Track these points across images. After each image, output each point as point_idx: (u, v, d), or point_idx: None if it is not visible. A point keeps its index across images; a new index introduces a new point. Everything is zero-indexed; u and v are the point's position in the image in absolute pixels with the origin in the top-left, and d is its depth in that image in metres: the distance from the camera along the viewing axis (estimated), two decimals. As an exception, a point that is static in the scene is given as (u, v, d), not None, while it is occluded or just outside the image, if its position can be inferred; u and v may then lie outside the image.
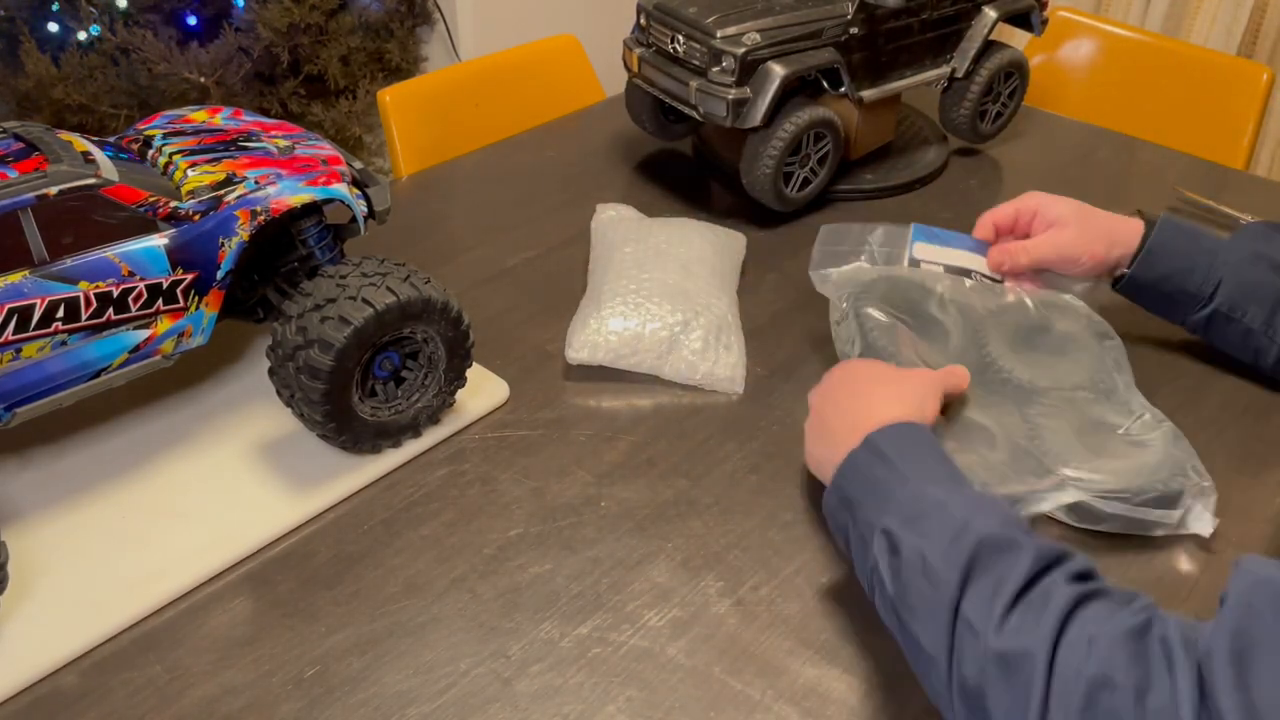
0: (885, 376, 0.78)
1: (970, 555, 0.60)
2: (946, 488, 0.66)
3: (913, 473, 0.67)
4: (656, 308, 0.93)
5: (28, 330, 0.69)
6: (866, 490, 0.68)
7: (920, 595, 0.62)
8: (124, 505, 0.79)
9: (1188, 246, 0.91)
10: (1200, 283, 0.90)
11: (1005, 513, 0.64)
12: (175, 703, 0.67)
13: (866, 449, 0.70)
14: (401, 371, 0.83)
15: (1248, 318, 0.89)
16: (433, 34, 2.36)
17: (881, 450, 0.69)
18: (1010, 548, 0.60)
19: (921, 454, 0.69)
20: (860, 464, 0.70)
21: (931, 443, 0.71)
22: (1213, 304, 0.90)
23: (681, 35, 1.10)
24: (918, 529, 0.64)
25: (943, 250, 0.96)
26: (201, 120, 0.87)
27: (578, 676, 0.69)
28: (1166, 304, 0.93)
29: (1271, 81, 1.52)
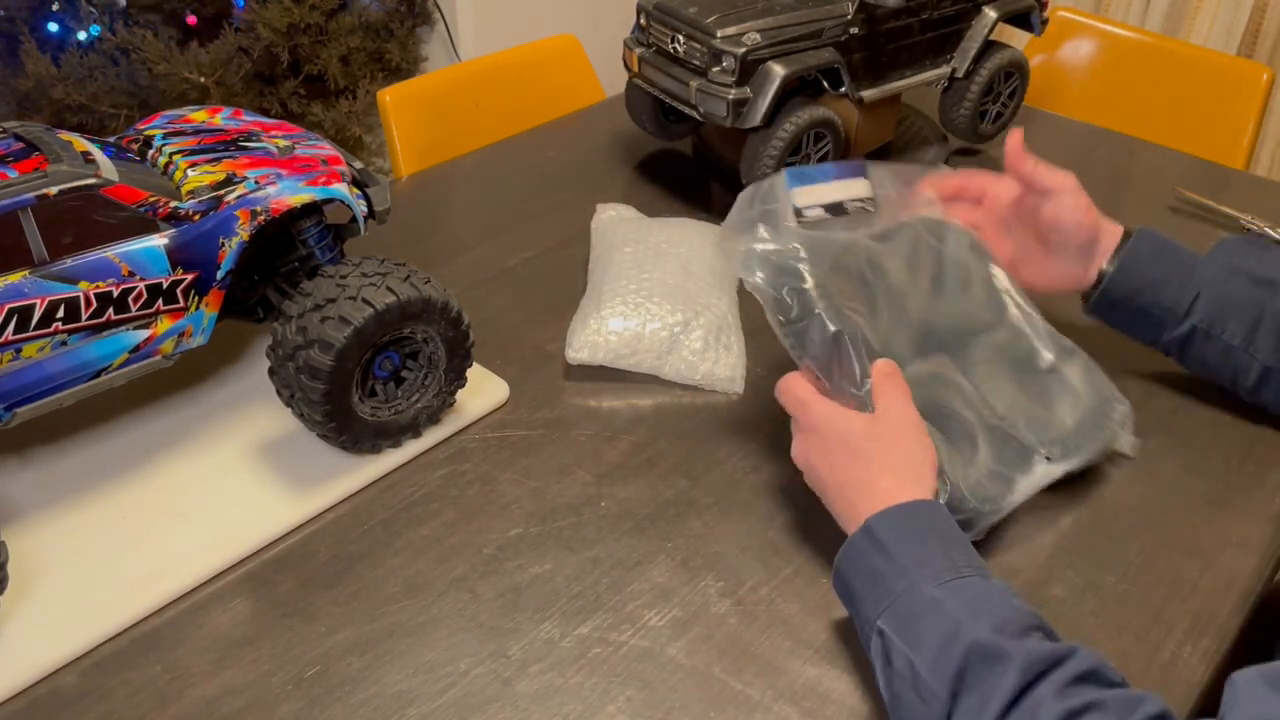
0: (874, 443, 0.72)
1: (959, 667, 0.59)
2: (945, 584, 0.64)
3: (912, 564, 0.65)
4: (656, 308, 0.93)
5: (28, 330, 0.69)
6: (866, 582, 0.67)
7: (911, 710, 0.61)
8: (124, 505, 0.79)
9: (1164, 259, 0.87)
10: (1176, 296, 0.85)
11: (1003, 608, 0.62)
12: (175, 703, 0.67)
13: (866, 536, 0.68)
14: (401, 371, 0.83)
15: (1227, 334, 0.84)
16: (433, 34, 2.36)
17: (880, 539, 0.67)
18: (999, 659, 0.59)
19: (922, 539, 0.67)
20: (860, 552, 0.68)
21: (932, 522, 0.68)
22: (1190, 319, 0.85)
23: (681, 35, 1.10)
24: (910, 635, 0.62)
25: (819, 189, 0.87)
26: (201, 120, 0.87)
27: (578, 676, 0.69)
28: (1141, 320, 0.88)
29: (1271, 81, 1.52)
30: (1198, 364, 0.88)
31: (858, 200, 0.88)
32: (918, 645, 0.62)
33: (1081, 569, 0.77)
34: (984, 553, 0.78)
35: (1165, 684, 0.69)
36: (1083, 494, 0.83)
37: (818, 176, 0.88)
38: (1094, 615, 0.74)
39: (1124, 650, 0.71)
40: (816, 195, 0.87)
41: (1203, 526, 0.81)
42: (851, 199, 0.88)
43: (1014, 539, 0.79)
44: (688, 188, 1.24)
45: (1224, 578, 0.77)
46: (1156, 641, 0.72)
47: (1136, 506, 0.82)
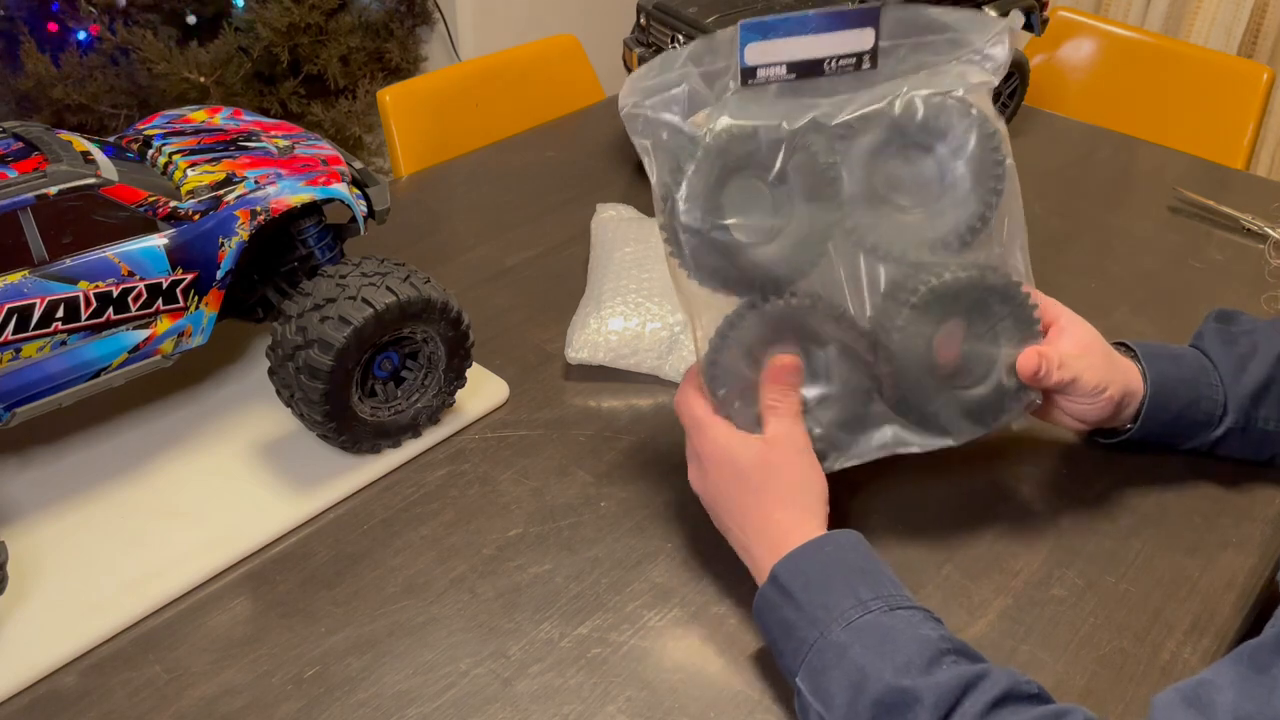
0: (766, 473, 0.70)
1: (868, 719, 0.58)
2: (851, 624, 0.62)
3: (821, 610, 0.63)
4: (656, 308, 0.93)
5: (27, 330, 0.69)
6: (782, 634, 0.65)
7: None
8: (124, 505, 0.79)
9: (1182, 373, 0.81)
10: (1209, 408, 0.81)
11: (908, 642, 0.60)
12: (175, 703, 0.67)
13: (773, 587, 0.66)
14: (401, 371, 0.83)
15: (1260, 421, 0.82)
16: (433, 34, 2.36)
17: (787, 588, 0.65)
18: (907, 704, 0.57)
19: (827, 580, 0.65)
20: (771, 604, 0.66)
21: (836, 557, 0.66)
22: (1224, 424, 0.82)
23: (681, 35, 1.10)
24: (822, 692, 0.61)
25: (782, 44, 0.69)
26: (201, 120, 0.87)
27: (578, 676, 0.69)
28: (1174, 439, 0.84)
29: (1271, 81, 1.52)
30: (1233, 452, 0.84)
31: (847, 56, 0.71)
32: (830, 703, 0.60)
33: (1081, 569, 0.77)
34: (984, 551, 0.78)
35: (1165, 684, 0.69)
36: (1083, 494, 0.83)
37: (787, 28, 0.70)
38: (1094, 615, 0.74)
39: (1124, 650, 0.71)
40: (781, 50, 0.70)
41: (1203, 526, 0.81)
42: (838, 54, 0.71)
43: (1014, 539, 0.79)
44: (688, 188, 1.24)
45: (1224, 578, 0.77)
46: (1156, 641, 0.72)
47: (1136, 506, 0.82)
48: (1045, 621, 0.73)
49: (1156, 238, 1.17)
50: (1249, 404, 0.81)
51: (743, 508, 0.71)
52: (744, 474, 0.71)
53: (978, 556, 0.78)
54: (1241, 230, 1.17)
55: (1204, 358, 0.83)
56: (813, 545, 0.67)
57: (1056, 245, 1.15)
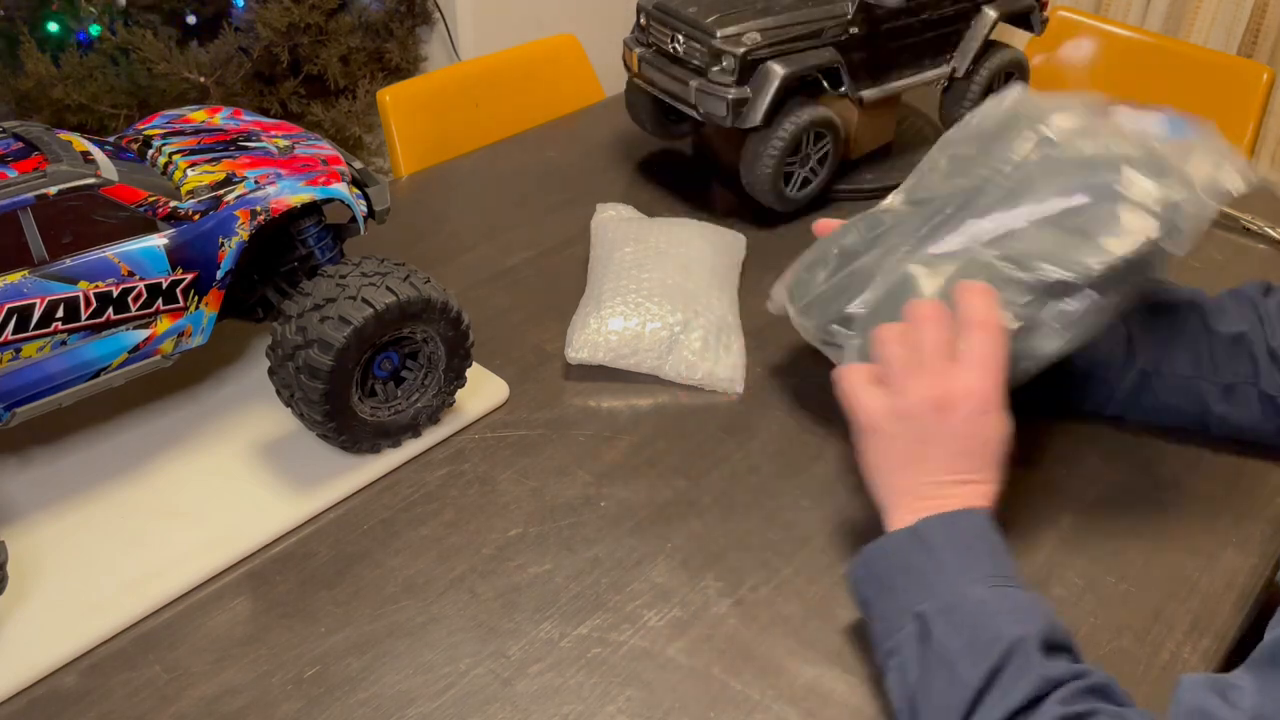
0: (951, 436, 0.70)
1: (996, 664, 0.60)
2: (991, 588, 0.64)
3: (958, 568, 0.65)
4: (656, 308, 0.93)
5: (27, 330, 0.69)
6: (905, 576, 0.66)
7: (940, 691, 0.61)
8: (124, 505, 0.79)
9: None
10: (1110, 346, 0.82)
11: (1047, 620, 0.62)
12: (175, 703, 0.67)
13: (911, 536, 0.67)
14: (401, 371, 0.83)
15: (1178, 366, 0.82)
16: (433, 34, 2.36)
17: (928, 540, 0.67)
18: (1026, 666, 0.59)
19: (970, 548, 0.66)
20: (900, 548, 0.67)
21: (985, 536, 0.67)
22: (1135, 365, 0.82)
23: (681, 35, 1.10)
24: (954, 623, 0.62)
25: None
26: (201, 120, 0.87)
27: (578, 676, 0.69)
28: (1084, 385, 0.84)
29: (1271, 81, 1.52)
30: (1158, 411, 0.85)
31: None
32: (959, 635, 0.62)
33: (1081, 569, 0.77)
34: (984, 553, 0.78)
35: (1165, 684, 0.69)
36: (1083, 494, 0.83)
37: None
38: (1094, 615, 0.74)
39: (1124, 650, 0.71)
40: None
41: (1203, 526, 0.81)
42: None
43: (1014, 539, 0.79)
44: (688, 188, 1.24)
45: (1224, 578, 0.77)
46: (1156, 641, 0.72)
47: (1136, 506, 0.82)
48: (1045, 621, 0.73)
49: (1156, 238, 1.17)
50: (1158, 348, 0.82)
51: (906, 455, 0.71)
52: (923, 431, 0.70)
53: (978, 556, 0.78)
54: (1241, 230, 1.17)
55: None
56: (961, 514, 0.68)
57: (1056, 245, 1.15)
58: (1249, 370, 0.81)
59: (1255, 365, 0.81)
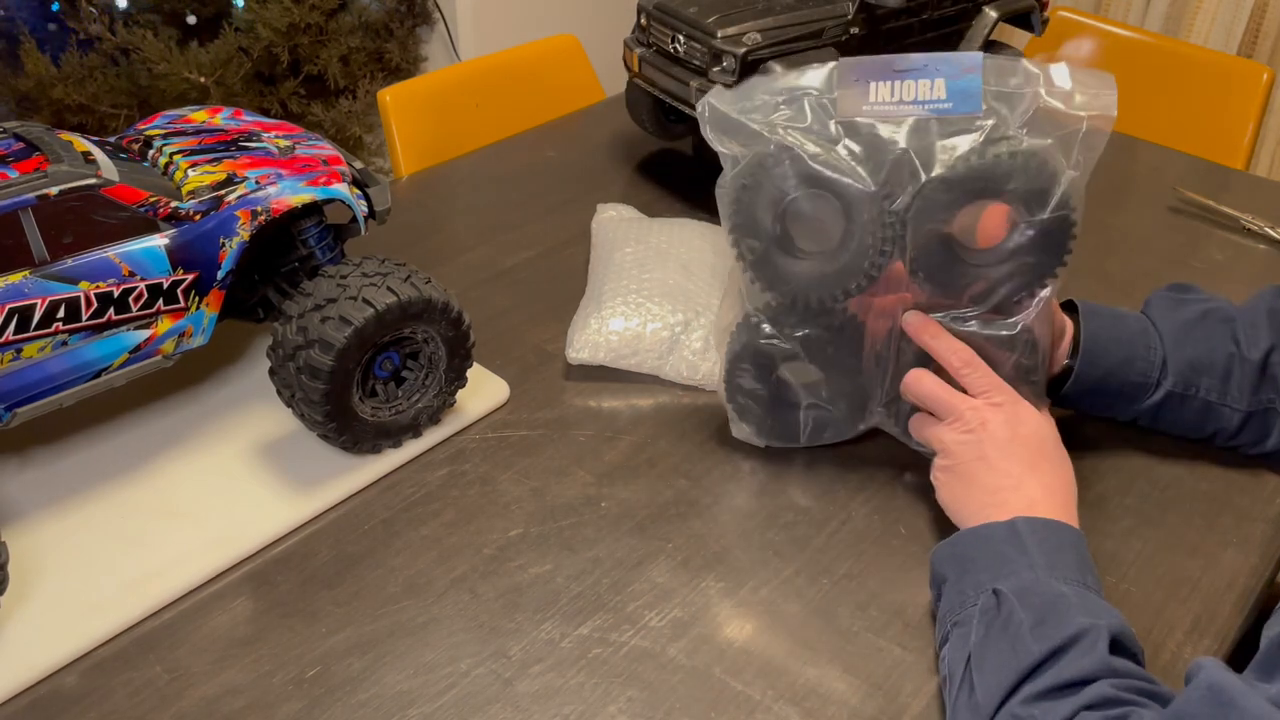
0: (1050, 454, 0.75)
1: (1062, 642, 0.61)
2: (1069, 586, 0.65)
3: (1043, 564, 0.66)
4: (657, 308, 0.93)
5: (28, 330, 0.69)
6: (990, 560, 0.68)
7: (1000, 655, 0.62)
8: (124, 505, 0.79)
9: (1118, 333, 0.83)
10: (1145, 369, 0.82)
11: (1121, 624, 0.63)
12: (175, 703, 0.67)
13: (1007, 529, 0.69)
14: (402, 371, 0.83)
15: (1203, 391, 0.82)
16: (433, 34, 2.36)
17: (1021, 536, 0.68)
18: (1092, 649, 0.60)
19: (1062, 554, 0.68)
20: (994, 537, 0.69)
21: (1077, 549, 0.69)
22: (1163, 387, 0.82)
23: (682, 35, 1.10)
24: (1028, 602, 0.63)
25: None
26: (201, 120, 0.87)
27: (578, 677, 0.69)
28: (1112, 400, 0.84)
29: (1271, 81, 1.52)
30: (1173, 424, 0.85)
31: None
32: (1033, 612, 0.63)
33: (1082, 569, 0.77)
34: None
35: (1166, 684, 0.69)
36: (1083, 494, 0.83)
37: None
38: (1094, 615, 0.74)
39: (1124, 650, 0.71)
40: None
41: (1203, 526, 0.81)
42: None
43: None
44: (688, 188, 1.24)
45: (1224, 578, 0.77)
46: (1157, 642, 0.72)
47: (1136, 506, 0.82)
48: (1045, 621, 0.73)
49: (1156, 238, 1.17)
50: (1189, 371, 0.82)
51: (1005, 471, 0.73)
52: (1027, 447, 0.74)
53: (978, 556, 0.78)
54: (1241, 230, 1.17)
55: (1147, 321, 0.84)
56: (1056, 524, 0.70)
57: (1056, 245, 1.15)
58: (1272, 395, 0.82)
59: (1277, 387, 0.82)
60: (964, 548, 0.70)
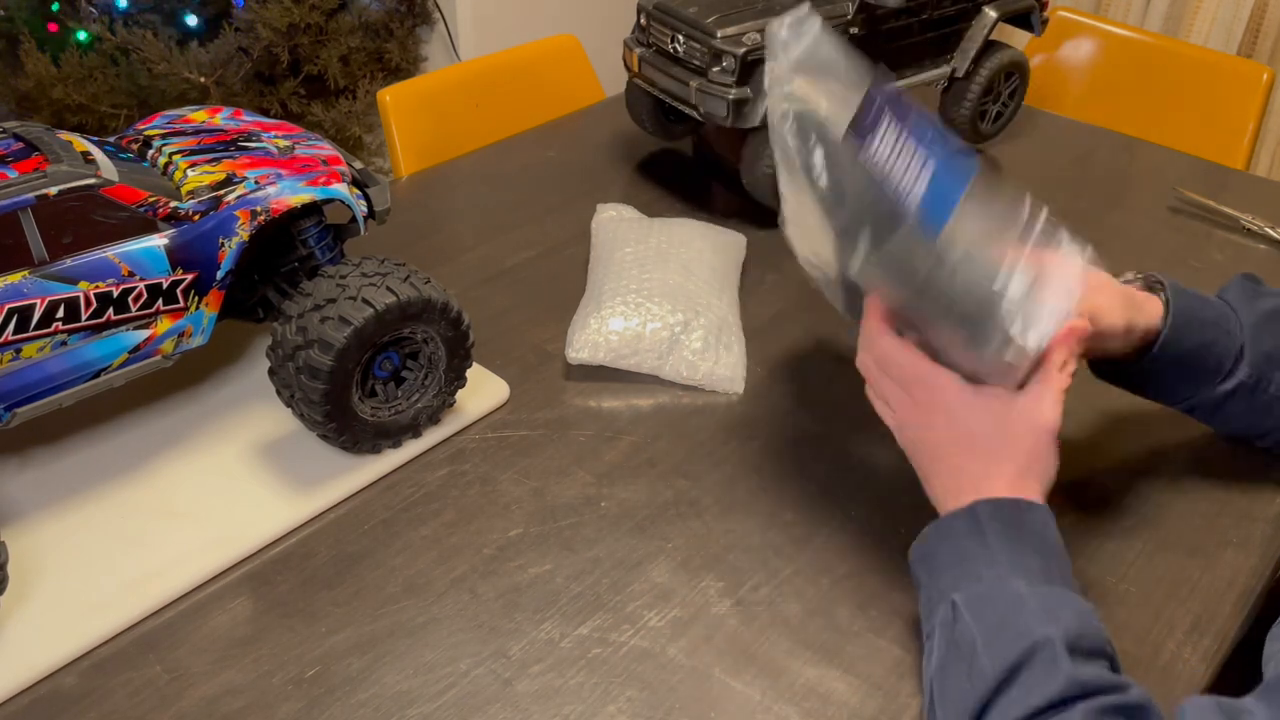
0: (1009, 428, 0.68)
1: (1016, 660, 0.59)
2: (1031, 583, 0.63)
3: (1005, 557, 0.64)
4: (657, 308, 0.93)
5: (28, 330, 0.69)
6: (953, 558, 0.66)
7: (956, 685, 0.61)
8: (124, 505, 0.79)
9: (1204, 313, 0.80)
10: (1221, 355, 0.79)
11: (1081, 623, 0.61)
12: (175, 703, 0.67)
13: (968, 517, 0.66)
14: (401, 371, 0.83)
15: (1274, 386, 0.79)
16: (433, 34, 2.36)
17: (982, 526, 0.66)
18: (1054, 667, 0.58)
19: (1023, 540, 0.65)
20: (956, 531, 0.67)
21: (1041, 530, 0.66)
22: (1236, 375, 0.79)
23: (681, 35, 1.10)
24: (981, 616, 0.62)
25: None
26: (201, 120, 0.87)
27: (578, 677, 0.69)
28: (1184, 382, 0.81)
29: (1271, 81, 1.52)
30: (1232, 420, 0.83)
31: None
32: (985, 626, 0.61)
33: (1081, 569, 0.77)
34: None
35: (1165, 684, 0.69)
36: (1083, 494, 0.83)
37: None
38: (1094, 615, 0.74)
39: (1124, 650, 0.71)
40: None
41: (1203, 526, 0.81)
42: None
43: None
44: (688, 188, 1.24)
45: (1224, 578, 0.77)
46: (1157, 642, 0.72)
47: (1136, 507, 0.82)
48: (1045, 621, 0.73)
49: (1156, 238, 1.17)
50: (1264, 362, 0.79)
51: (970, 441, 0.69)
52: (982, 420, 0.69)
53: (978, 556, 0.78)
54: (1241, 230, 1.17)
55: (1228, 306, 0.82)
56: (1024, 504, 0.66)
57: (1056, 245, 1.15)
58: None
59: None
60: (931, 547, 0.68)
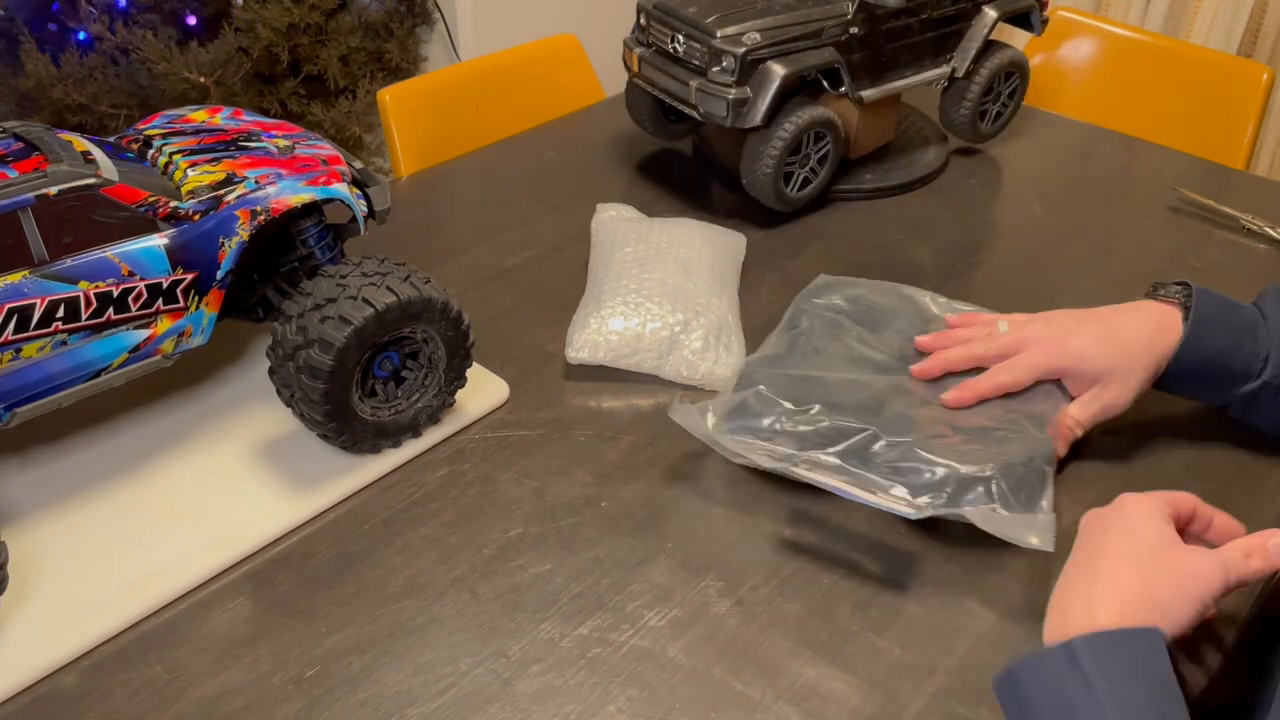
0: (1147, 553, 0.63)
1: None
2: None
3: (1114, 705, 0.56)
4: (657, 307, 0.93)
5: (28, 330, 0.69)
6: (1054, 705, 0.58)
7: None
8: (124, 505, 0.79)
9: (1229, 320, 0.82)
10: (1248, 359, 0.81)
11: None
12: (175, 703, 0.67)
13: (1065, 655, 0.58)
14: (401, 371, 0.83)
15: None
16: (433, 34, 2.36)
17: (1081, 665, 0.57)
18: None
19: (1130, 677, 0.57)
20: (1051, 671, 0.59)
21: (1148, 660, 0.58)
22: (1261, 378, 0.81)
23: (681, 35, 1.10)
24: None
25: None
26: (201, 120, 0.87)
27: (578, 676, 0.69)
28: (1206, 386, 0.84)
29: (1271, 81, 1.52)
30: (1263, 418, 0.84)
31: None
32: None
33: (1082, 569, 0.77)
34: (985, 551, 0.78)
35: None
36: (1082, 494, 0.83)
37: None
38: (1094, 615, 0.74)
39: (1124, 650, 0.71)
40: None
41: (1203, 526, 0.81)
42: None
43: (1014, 539, 0.79)
44: (688, 188, 1.24)
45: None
46: (1157, 641, 0.72)
47: (1137, 506, 0.82)
48: (1045, 621, 0.73)
49: (1156, 238, 1.17)
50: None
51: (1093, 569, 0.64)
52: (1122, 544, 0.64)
53: (979, 556, 0.78)
54: (1241, 230, 1.17)
55: (1258, 312, 0.83)
56: (1126, 633, 0.59)
57: (1056, 245, 1.15)
58: None
59: None
60: (1025, 690, 0.60)
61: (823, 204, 1.21)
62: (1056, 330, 0.85)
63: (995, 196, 1.25)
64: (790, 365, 0.87)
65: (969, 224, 1.19)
